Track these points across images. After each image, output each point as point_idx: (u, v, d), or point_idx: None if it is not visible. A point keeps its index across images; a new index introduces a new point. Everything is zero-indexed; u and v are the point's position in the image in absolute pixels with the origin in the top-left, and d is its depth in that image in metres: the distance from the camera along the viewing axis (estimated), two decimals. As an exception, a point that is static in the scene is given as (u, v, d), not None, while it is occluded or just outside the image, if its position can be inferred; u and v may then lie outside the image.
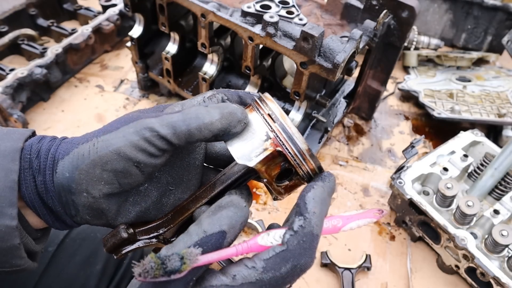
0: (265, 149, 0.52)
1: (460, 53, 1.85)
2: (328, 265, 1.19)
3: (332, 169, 1.47)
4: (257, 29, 1.12)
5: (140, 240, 0.56)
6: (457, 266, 1.15)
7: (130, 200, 0.57)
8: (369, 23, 1.16)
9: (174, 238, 0.59)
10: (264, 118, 0.53)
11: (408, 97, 1.74)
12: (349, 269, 1.16)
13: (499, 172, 1.19)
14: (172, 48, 1.44)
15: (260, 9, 1.15)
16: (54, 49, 1.57)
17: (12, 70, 1.48)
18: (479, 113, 1.55)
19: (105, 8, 1.81)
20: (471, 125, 1.55)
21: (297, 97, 1.19)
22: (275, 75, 1.39)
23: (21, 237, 0.52)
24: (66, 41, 1.62)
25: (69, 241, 0.90)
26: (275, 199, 0.57)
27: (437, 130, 1.63)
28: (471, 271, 1.13)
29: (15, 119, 1.40)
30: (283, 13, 1.17)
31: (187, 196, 0.61)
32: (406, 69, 1.85)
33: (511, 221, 1.19)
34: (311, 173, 0.54)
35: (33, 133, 0.58)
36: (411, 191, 1.19)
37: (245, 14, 1.15)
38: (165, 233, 0.57)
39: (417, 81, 1.74)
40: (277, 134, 0.52)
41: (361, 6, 1.22)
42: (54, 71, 1.58)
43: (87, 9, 1.90)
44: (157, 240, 0.57)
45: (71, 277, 0.86)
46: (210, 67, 1.40)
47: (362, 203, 1.37)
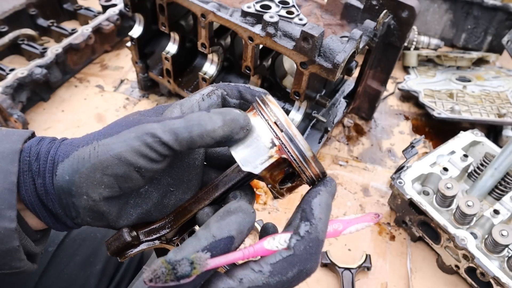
0: (271, 157, 0.52)
1: (460, 53, 1.85)
2: (328, 265, 1.19)
3: (332, 169, 1.47)
4: (257, 29, 1.12)
5: (143, 242, 0.56)
6: (457, 266, 1.15)
7: (131, 202, 0.57)
8: (369, 23, 1.16)
9: (176, 237, 0.59)
10: (268, 124, 0.52)
11: (408, 97, 1.74)
12: (349, 269, 1.16)
13: (499, 172, 1.19)
14: (172, 48, 1.44)
15: (260, 9, 1.15)
16: (54, 49, 1.57)
17: (12, 70, 1.48)
18: (479, 113, 1.55)
19: (105, 8, 1.81)
20: (471, 125, 1.55)
21: (297, 97, 1.19)
22: (275, 75, 1.39)
23: (21, 239, 0.52)
24: (66, 41, 1.62)
25: (69, 241, 0.90)
26: (275, 198, 0.58)
27: (437, 130, 1.63)
28: (471, 271, 1.13)
29: (15, 119, 1.40)
30: (283, 13, 1.17)
31: (188, 196, 0.61)
32: (406, 69, 1.85)
33: (511, 221, 1.19)
34: (315, 178, 0.54)
35: (32, 134, 0.58)
36: (411, 191, 1.19)
37: (245, 14, 1.15)
38: (167, 234, 0.57)
39: (417, 81, 1.74)
40: (282, 141, 0.51)
41: (361, 6, 1.22)
42: (54, 71, 1.58)
43: (87, 9, 1.90)
44: (160, 241, 0.57)
45: (71, 277, 0.86)
46: (210, 67, 1.40)
47: (362, 203, 1.37)
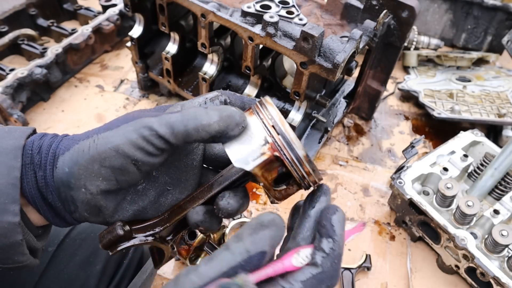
0: (263, 154, 0.52)
1: (460, 53, 1.85)
2: (328, 265, 1.19)
3: (332, 169, 1.47)
4: (257, 29, 1.12)
5: (135, 237, 0.57)
6: (457, 266, 1.15)
7: (128, 198, 0.57)
8: (369, 23, 1.16)
9: (170, 237, 0.60)
10: (263, 122, 0.53)
11: (408, 97, 1.74)
12: (349, 269, 1.16)
13: (499, 172, 1.19)
14: (172, 48, 1.44)
15: (260, 9, 1.15)
16: (54, 49, 1.57)
17: (12, 70, 1.48)
18: (479, 113, 1.55)
19: (105, 8, 1.81)
20: (471, 125, 1.55)
21: (297, 97, 1.19)
22: (275, 75, 1.39)
23: (23, 233, 0.53)
24: (66, 41, 1.62)
25: (69, 241, 0.90)
26: (272, 203, 0.58)
27: (437, 130, 1.63)
28: (471, 271, 1.13)
29: (15, 119, 1.40)
30: (283, 13, 1.17)
31: (184, 196, 0.61)
32: (406, 69, 1.85)
33: (511, 221, 1.19)
34: (308, 179, 0.54)
35: (34, 131, 0.59)
36: (411, 191, 1.19)
37: (245, 14, 1.15)
38: (161, 232, 0.58)
39: (417, 81, 1.74)
40: (275, 139, 0.52)
41: (361, 6, 1.22)
42: (54, 71, 1.59)
43: (87, 9, 1.90)
44: (153, 238, 0.58)
45: (71, 277, 0.86)
46: (210, 67, 1.40)
47: (362, 203, 1.37)
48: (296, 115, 1.26)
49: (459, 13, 1.88)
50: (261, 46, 1.20)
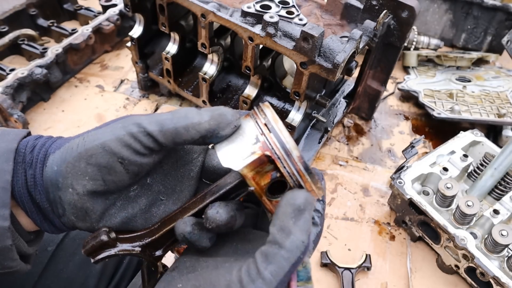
0: (253, 153, 0.48)
1: (460, 53, 1.85)
2: (328, 265, 1.19)
3: (332, 169, 1.47)
4: (257, 29, 1.12)
5: (119, 246, 0.54)
6: (457, 266, 1.15)
7: (117, 204, 0.55)
8: (369, 23, 1.16)
9: (158, 252, 0.56)
10: (256, 121, 0.50)
11: (408, 97, 1.74)
12: (349, 269, 1.16)
13: (499, 172, 1.19)
14: (172, 48, 1.44)
15: (260, 9, 1.15)
16: (54, 49, 1.58)
17: (12, 70, 1.48)
18: (479, 113, 1.55)
19: (105, 8, 1.81)
20: (471, 125, 1.55)
21: (297, 97, 1.19)
22: (275, 75, 1.39)
23: (13, 238, 0.52)
24: (66, 41, 1.62)
25: (69, 241, 0.90)
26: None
27: (437, 130, 1.63)
28: (471, 271, 1.13)
29: (15, 119, 1.40)
30: (283, 13, 1.17)
31: (177, 207, 0.58)
32: (406, 69, 1.85)
33: (510, 221, 1.19)
34: (302, 183, 0.48)
35: (28, 134, 0.58)
36: (411, 191, 1.19)
37: (245, 14, 1.15)
38: (148, 243, 0.55)
39: (417, 81, 1.74)
40: (267, 137, 0.48)
41: (361, 6, 1.22)
42: (54, 71, 1.59)
43: (87, 9, 1.90)
44: (141, 249, 0.55)
45: (70, 277, 0.86)
46: (210, 67, 1.40)
47: (362, 203, 1.37)
48: (296, 115, 1.26)
49: (459, 13, 1.88)
50: (261, 46, 1.20)
